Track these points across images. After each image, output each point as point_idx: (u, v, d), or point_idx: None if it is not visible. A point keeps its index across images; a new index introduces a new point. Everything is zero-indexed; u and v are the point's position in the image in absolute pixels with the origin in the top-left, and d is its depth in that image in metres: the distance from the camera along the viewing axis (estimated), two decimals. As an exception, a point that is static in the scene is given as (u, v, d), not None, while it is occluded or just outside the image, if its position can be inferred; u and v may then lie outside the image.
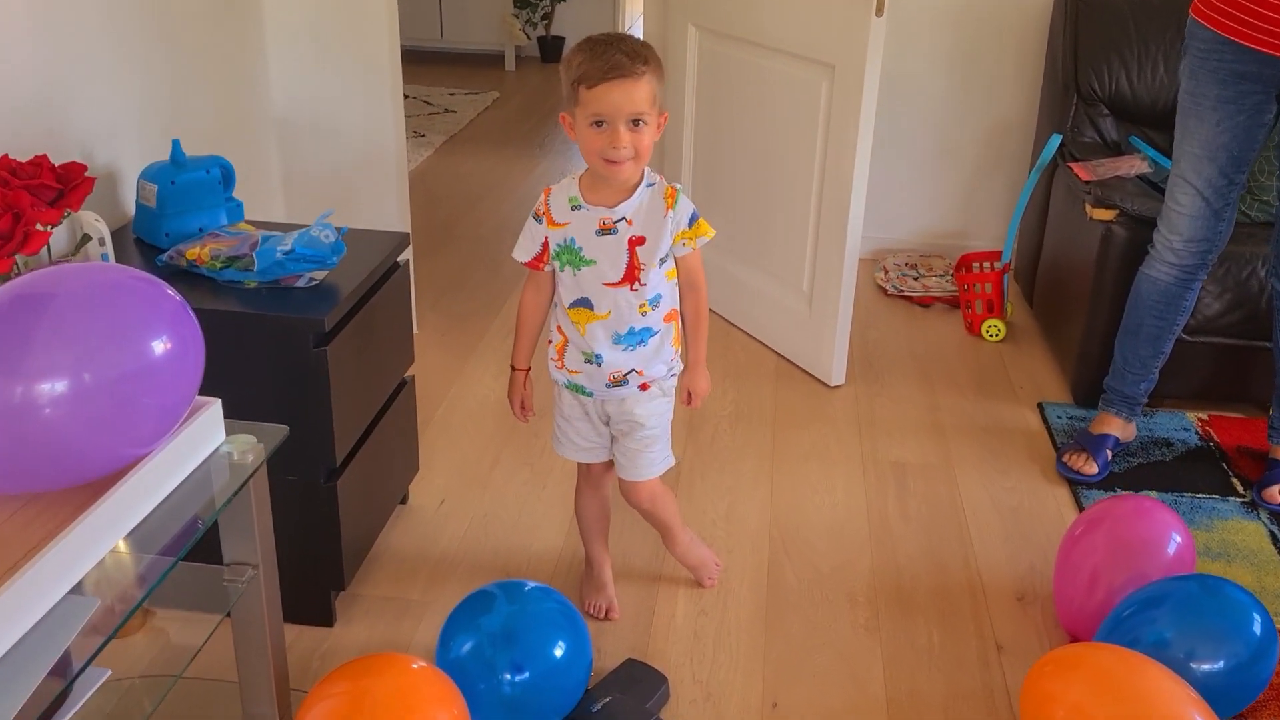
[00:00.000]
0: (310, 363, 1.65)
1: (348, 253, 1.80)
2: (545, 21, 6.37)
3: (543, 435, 2.48)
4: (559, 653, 1.58)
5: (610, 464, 1.86)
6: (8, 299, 1.18)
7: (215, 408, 1.37)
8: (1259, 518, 2.23)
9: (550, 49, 6.48)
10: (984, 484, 2.35)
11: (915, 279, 3.34)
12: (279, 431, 1.43)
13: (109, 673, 1.27)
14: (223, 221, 1.88)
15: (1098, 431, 2.40)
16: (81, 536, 1.15)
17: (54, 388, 1.14)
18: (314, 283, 1.74)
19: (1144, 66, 2.93)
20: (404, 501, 2.20)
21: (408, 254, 2.02)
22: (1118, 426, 2.41)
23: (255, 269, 1.68)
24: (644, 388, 1.73)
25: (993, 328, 3.01)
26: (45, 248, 1.60)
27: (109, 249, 1.71)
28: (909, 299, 3.27)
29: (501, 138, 4.98)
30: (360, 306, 1.79)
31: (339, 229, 1.77)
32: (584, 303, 1.68)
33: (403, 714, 1.43)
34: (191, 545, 1.27)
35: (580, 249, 1.65)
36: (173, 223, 1.82)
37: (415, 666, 1.49)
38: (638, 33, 4.77)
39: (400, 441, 2.07)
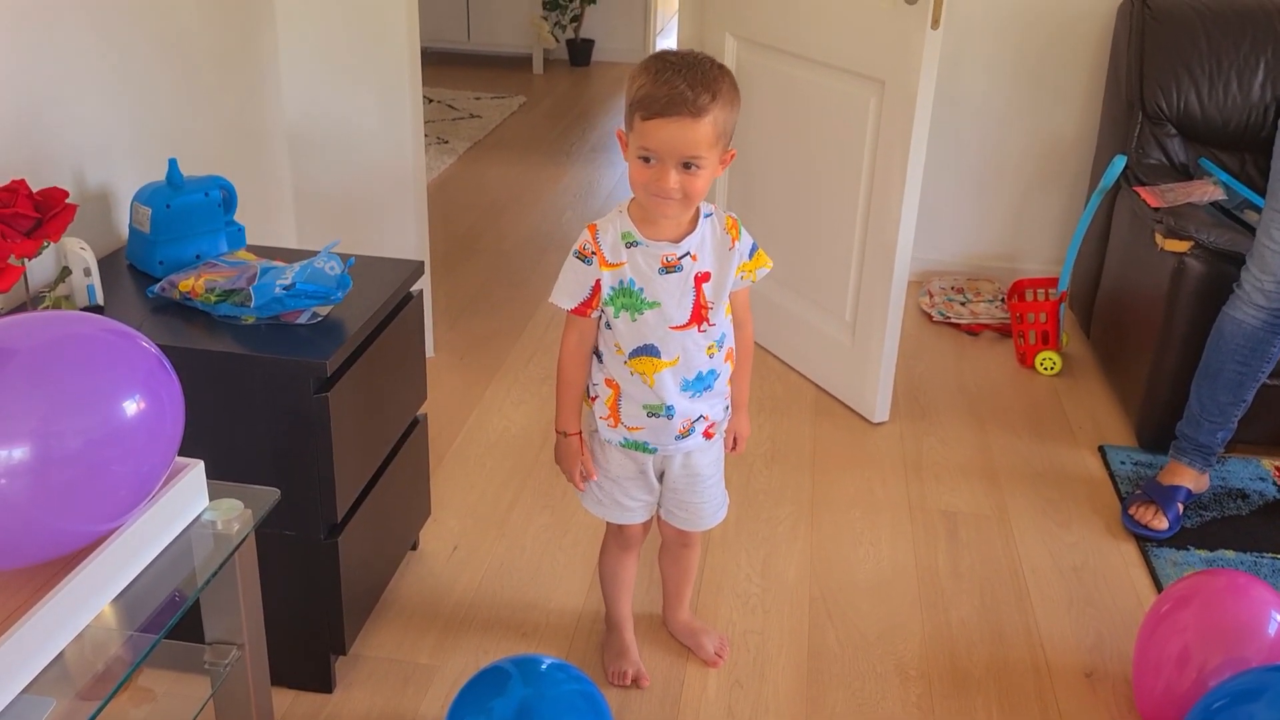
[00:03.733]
0: (310, 410, 1.50)
1: (356, 284, 1.64)
2: (575, 24, 6.22)
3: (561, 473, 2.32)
4: (579, 740, 1.42)
5: (648, 524, 1.71)
6: (-42, 354, 1.03)
7: (197, 471, 1.22)
8: (1350, 586, 2.03)
9: (579, 52, 6.33)
10: (1043, 538, 2.16)
11: (962, 304, 3.15)
12: (269, 495, 1.27)
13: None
14: (222, 249, 1.73)
15: (1168, 483, 2.21)
16: (40, 625, 1.00)
17: (12, 455, 0.99)
18: (318, 318, 1.58)
19: (1215, 84, 2.73)
20: (414, 548, 2.04)
21: (422, 281, 1.86)
22: (1190, 478, 2.21)
23: (253, 304, 1.53)
24: (708, 434, 1.60)
25: (1047, 360, 2.82)
26: (23, 280, 1.45)
27: (95, 280, 1.57)
28: (956, 326, 3.08)
29: (528, 144, 4.83)
30: (368, 344, 1.64)
31: (346, 260, 1.61)
32: (649, 350, 1.50)
33: (403, 816, 1.27)
34: (168, 630, 1.12)
35: (640, 290, 1.47)
36: (167, 250, 1.67)
37: (418, 760, 1.33)
38: (670, 41, 4.57)
39: (410, 485, 1.91)
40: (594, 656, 1.80)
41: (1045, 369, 2.82)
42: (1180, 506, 2.19)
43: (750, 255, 1.52)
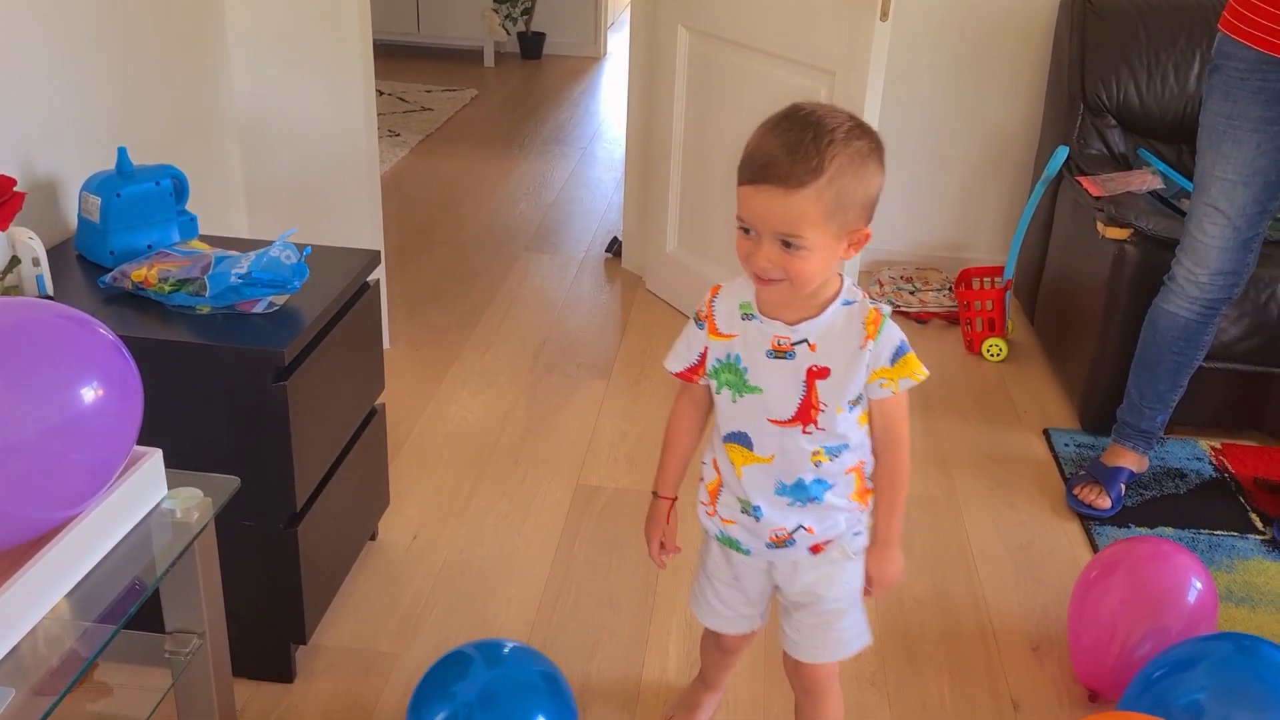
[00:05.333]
0: (268, 398, 1.50)
1: (312, 274, 1.64)
2: (526, 17, 6.20)
3: (523, 463, 2.34)
4: (542, 723, 1.43)
5: (750, 635, 1.53)
6: (-90, 342, 1.03)
7: (155, 459, 1.22)
8: (1282, 558, 2.12)
9: (530, 45, 6.31)
10: (991, 518, 2.22)
11: (911, 293, 3.21)
12: (229, 484, 1.27)
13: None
14: (174, 238, 1.72)
15: (1111, 464, 2.28)
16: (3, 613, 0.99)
17: (-36, 445, 0.98)
18: (274, 308, 1.58)
19: (1154, 76, 2.80)
20: (373, 538, 2.04)
21: (379, 271, 1.86)
22: (1132, 460, 2.28)
23: (208, 293, 1.52)
24: (816, 549, 1.36)
25: (994, 347, 2.88)
26: (-30, 270, 1.43)
27: (45, 269, 1.55)
28: (905, 314, 3.13)
29: (481, 137, 4.81)
30: (325, 333, 1.64)
31: (302, 249, 1.61)
32: (741, 439, 1.32)
33: (367, 800, 1.28)
34: (129, 618, 1.12)
35: (745, 370, 1.29)
36: (118, 239, 1.66)
37: (382, 744, 1.34)
38: (621, 37, 4.53)
39: (369, 475, 1.91)
40: (555, 637, 1.82)
41: (992, 355, 2.88)
42: (1122, 487, 2.26)
43: (893, 361, 1.25)
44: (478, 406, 2.55)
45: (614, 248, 3.49)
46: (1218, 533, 2.19)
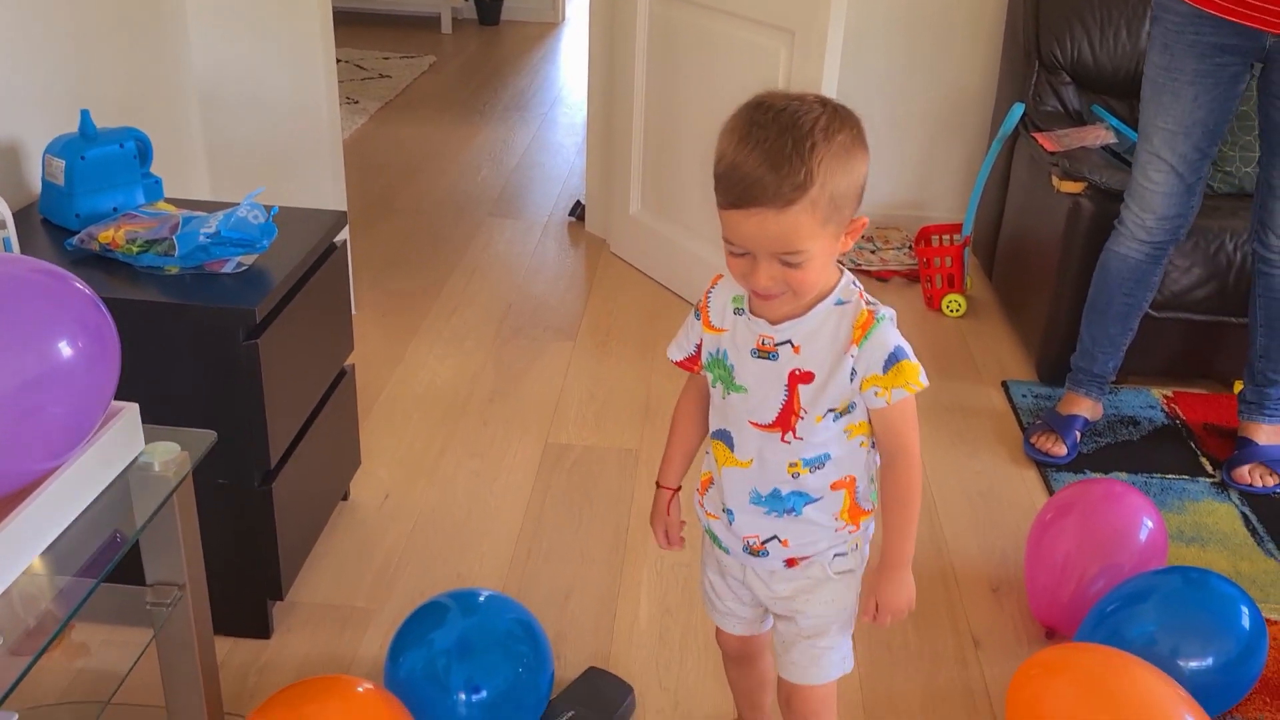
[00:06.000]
0: (240, 357, 1.51)
1: (279, 234, 1.64)
2: (484, -18, 6.15)
3: (492, 424, 2.36)
4: (518, 668, 1.47)
5: (752, 642, 1.43)
6: (-119, 297, 1.03)
7: (132, 413, 1.23)
8: (1230, 499, 2.19)
9: (488, 11, 6.26)
10: (951, 467, 2.28)
11: (872, 252, 3.26)
12: (206, 438, 1.29)
13: (15, 716, 1.13)
14: (140, 200, 1.72)
15: (1066, 412, 2.35)
16: (-24, 570, 1.01)
17: (-59, 398, 0.99)
18: (242, 268, 1.59)
19: (1106, 34, 2.85)
20: (345, 499, 2.06)
21: (344, 233, 1.87)
22: (1086, 407, 2.35)
23: (176, 253, 1.53)
24: (791, 563, 1.27)
25: (953, 303, 2.94)
26: (-66, 232, 1.42)
27: (11, 232, 1.54)
28: (866, 273, 3.18)
29: (440, 104, 4.79)
30: (294, 293, 1.65)
31: (269, 209, 1.61)
32: (725, 438, 1.25)
33: (351, 744, 1.31)
34: (107, 573, 1.13)
35: (732, 368, 1.21)
36: (84, 202, 1.65)
37: (361, 689, 1.37)
38: (580, 3, 4.47)
39: (340, 435, 1.93)
40: (528, 588, 1.86)
41: (951, 311, 2.94)
42: (1078, 434, 2.33)
43: (887, 368, 1.14)
44: (445, 369, 2.57)
45: (577, 211, 3.50)
46: (1169, 476, 2.26)
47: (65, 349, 1.07)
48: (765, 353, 1.18)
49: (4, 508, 1.07)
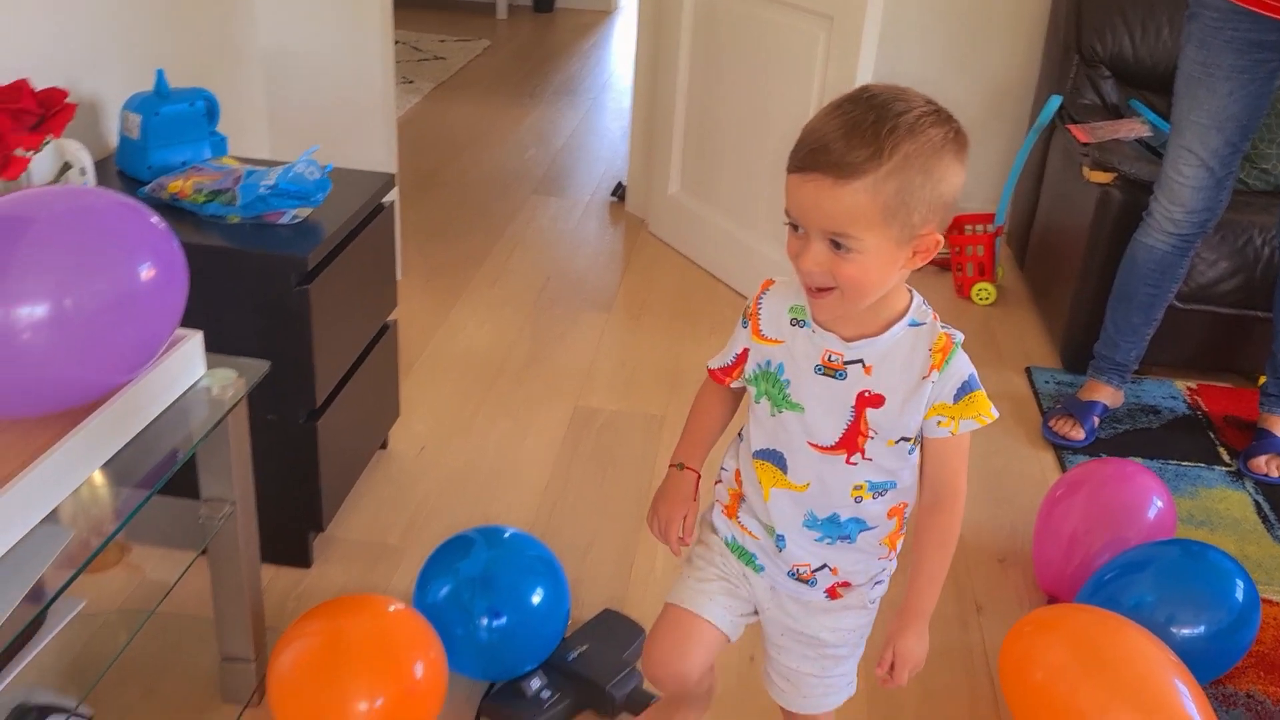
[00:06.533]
0: (292, 300, 1.62)
1: (332, 191, 1.76)
2: (540, -31, 6.26)
3: (524, 384, 2.47)
4: (537, 600, 1.57)
5: (704, 649, 1.24)
6: (-17, 221, 1.15)
7: (196, 340, 1.35)
8: (1244, 487, 2.24)
9: (544, -2, 6.38)
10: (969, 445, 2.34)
11: (907, 241, 3.32)
12: (260, 367, 1.40)
13: (83, 603, 1.26)
14: (206, 155, 1.84)
15: (1086, 398, 2.40)
16: (57, 464, 1.13)
17: (33, 312, 1.11)
18: (298, 220, 1.70)
19: (1148, 29, 2.89)
20: (384, 447, 2.18)
21: (393, 195, 1.98)
22: (1107, 394, 2.40)
23: (238, 204, 1.65)
24: (833, 594, 1.20)
25: (982, 291, 2.99)
26: (25, 175, 1.55)
27: (91, 179, 1.67)
28: (900, 260, 3.24)
29: (491, 86, 4.91)
30: (344, 246, 1.76)
31: (324, 166, 1.73)
32: (775, 458, 1.15)
33: (379, 656, 1.42)
34: (167, 478, 1.25)
35: (787, 383, 1.12)
36: (156, 155, 1.78)
37: (392, 609, 1.48)
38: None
39: (381, 386, 2.04)
40: (552, 537, 1.95)
41: (980, 299, 2.99)
42: (1096, 420, 2.38)
43: (957, 398, 1.08)
44: (484, 334, 2.68)
45: (619, 192, 3.60)
46: (1185, 463, 2.31)
47: (141, 274, 1.18)
48: (832, 370, 1.09)
49: (77, 417, 1.18)
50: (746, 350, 1.16)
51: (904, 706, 1.66)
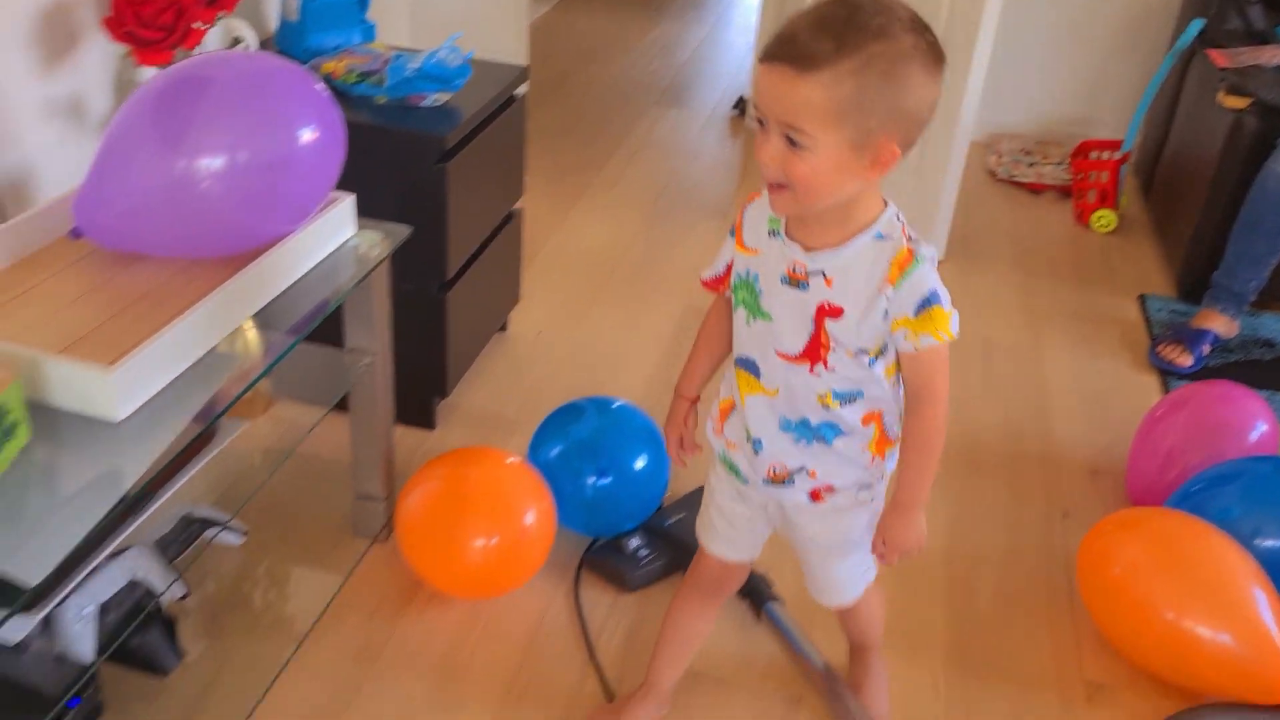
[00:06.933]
0: (431, 177, 1.75)
1: (470, 80, 1.87)
2: (674, -118, 6.20)
3: (638, 282, 2.57)
4: (640, 465, 1.70)
5: (734, 575, 1.39)
6: (172, 81, 1.30)
7: (349, 201, 1.49)
8: (1352, 421, 2.20)
9: (677, -89, 6.31)
10: (1072, 366, 2.36)
11: (1029, 165, 3.28)
12: (402, 231, 1.54)
13: (247, 423, 1.42)
14: (357, 40, 1.97)
15: (1198, 326, 2.38)
16: (229, 298, 1.28)
17: (211, 164, 1.25)
18: (438, 104, 1.82)
19: (1303, -47, 2.76)
20: (503, 329, 2.32)
21: (525, 88, 2.08)
22: (1221, 323, 2.38)
23: (386, 84, 1.77)
24: (816, 496, 1.22)
25: (1103, 218, 2.95)
26: (199, 47, 1.71)
27: (252, 56, 1.82)
28: (1019, 184, 3.21)
29: (620, -2, 4.95)
30: (479, 131, 1.88)
31: (465, 54, 1.84)
32: (749, 366, 1.18)
33: (496, 501, 1.57)
34: (319, 322, 1.39)
35: (760, 293, 1.14)
36: (312, 38, 1.92)
37: (509, 460, 1.62)
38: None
39: (505, 270, 2.17)
40: (657, 414, 2.07)
41: (1100, 226, 2.96)
42: (1206, 348, 2.36)
43: (917, 312, 1.06)
44: (602, 234, 2.79)
45: (740, 105, 3.63)
46: (1295, 397, 2.28)
47: (306, 135, 1.32)
48: (796, 281, 1.10)
49: (245, 261, 1.33)
50: (732, 261, 1.19)
51: (979, 599, 1.74)
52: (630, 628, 1.63)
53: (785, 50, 0.98)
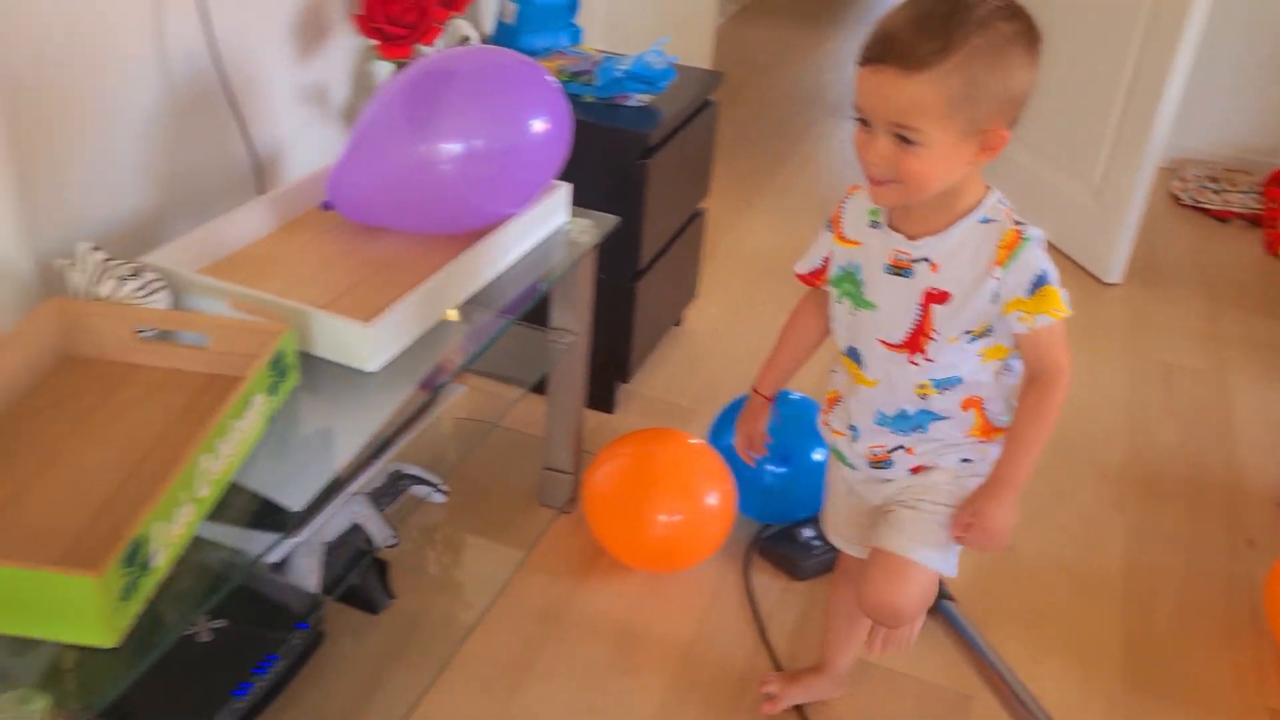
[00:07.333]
0: (633, 172, 1.85)
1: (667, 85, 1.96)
2: (850, -102, 6.22)
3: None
4: (817, 457, 1.75)
5: None
6: (421, 72, 1.43)
7: (566, 190, 1.59)
8: None
9: (851, -73, 6.33)
10: (1258, 395, 2.29)
11: (1215, 192, 3.18)
12: (610, 220, 1.64)
13: (464, 389, 1.54)
14: (566, 43, 2.10)
15: (1399, 362, 2.28)
16: (458, 272, 1.39)
17: (451, 149, 1.37)
18: (641, 104, 1.92)
19: None
20: (678, 324, 2.41)
21: (716, 94, 2.17)
22: None
23: (596, 84, 1.88)
24: (918, 470, 1.22)
25: (1296, 249, 2.84)
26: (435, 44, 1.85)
27: (473, 54, 1.96)
28: (1205, 211, 3.12)
29: (793, 12, 5.00)
30: (676, 132, 1.97)
31: (670, 58, 1.93)
32: (854, 355, 1.21)
33: (680, 479, 1.65)
34: (537, 299, 1.49)
35: (863, 283, 1.17)
36: (526, 39, 2.05)
37: (694, 442, 1.70)
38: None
39: (686, 266, 2.26)
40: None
41: (1292, 256, 2.85)
42: None
43: (1031, 292, 1.07)
44: (774, 238, 2.85)
45: (914, 120, 3.63)
46: None
47: (537, 125, 1.43)
48: (899, 269, 1.12)
49: (469, 238, 1.44)
50: (830, 254, 1.21)
51: (1157, 618, 1.72)
52: (801, 614, 1.68)
53: (888, 51, 1.00)
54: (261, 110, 1.63)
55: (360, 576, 1.55)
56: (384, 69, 1.86)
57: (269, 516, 1.08)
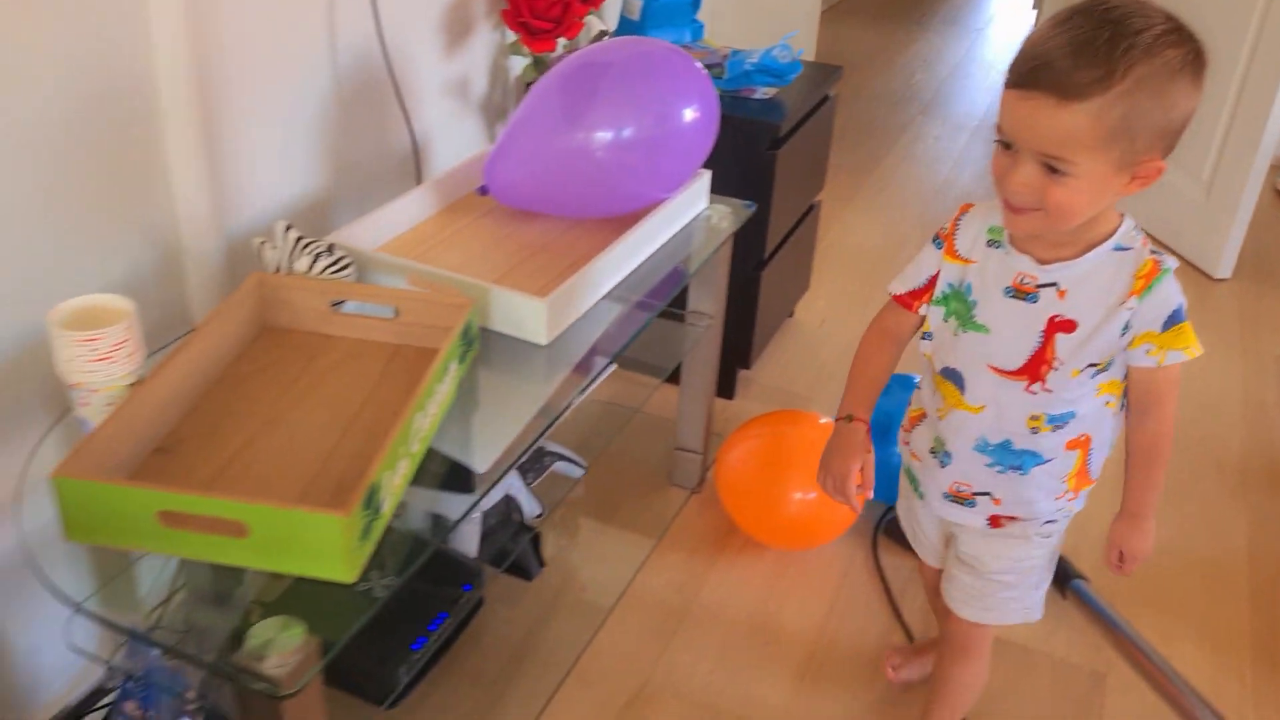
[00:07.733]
0: (763, 162, 1.91)
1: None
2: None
3: (917, 280, 2.65)
4: (947, 442, 1.78)
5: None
6: (578, 64, 1.49)
7: (707, 177, 1.65)
8: None
9: (932, -71, 6.32)
10: (1378, 393, 2.28)
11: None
12: (747, 208, 1.69)
13: (614, 365, 1.61)
14: (688, 38, 2.16)
15: None
16: (618, 254, 1.45)
17: (605, 137, 1.44)
18: (766, 96, 1.98)
19: None
20: (790, 315, 2.45)
21: (836, 89, 2.21)
22: None
23: (725, 77, 1.94)
24: (995, 523, 1.18)
25: None
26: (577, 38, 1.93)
27: (604, 50, 2.03)
28: (1312, 209, 3.08)
29: (880, 12, 5.02)
30: (801, 124, 2.02)
31: (796, 51, 1.98)
32: (955, 378, 1.14)
33: (815, 458, 1.69)
34: (684, 283, 1.55)
35: (974, 304, 1.10)
36: (650, 34, 2.11)
37: (824, 422, 1.75)
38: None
39: (802, 257, 2.31)
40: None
41: (1407, 254, 2.81)
42: None
43: (1166, 327, 1.02)
44: (875, 233, 2.89)
45: (1009, 118, 3.64)
46: None
47: (688, 114, 1.49)
48: (1023, 293, 1.06)
49: (618, 222, 1.50)
50: (938, 272, 1.14)
51: (1241, 626, 1.73)
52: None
53: (1042, 77, 0.92)
54: (414, 103, 1.71)
55: (516, 544, 1.62)
56: (520, 64, 1.93)
57: (454, 478, 1.15)
